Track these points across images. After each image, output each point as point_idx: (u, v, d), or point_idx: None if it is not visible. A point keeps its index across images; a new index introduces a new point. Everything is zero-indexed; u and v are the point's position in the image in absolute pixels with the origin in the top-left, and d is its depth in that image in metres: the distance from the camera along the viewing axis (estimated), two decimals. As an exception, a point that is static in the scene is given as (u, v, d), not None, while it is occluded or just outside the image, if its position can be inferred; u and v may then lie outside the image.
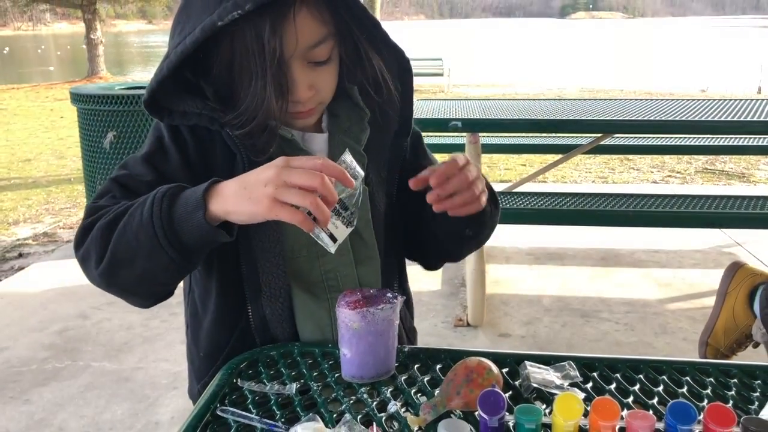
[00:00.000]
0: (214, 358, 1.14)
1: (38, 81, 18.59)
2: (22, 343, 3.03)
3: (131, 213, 0.94)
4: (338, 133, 1.14)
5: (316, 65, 1.02)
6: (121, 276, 0.97)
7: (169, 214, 0.91)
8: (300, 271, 1.12)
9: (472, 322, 3.16)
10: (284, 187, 0.85)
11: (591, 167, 6.69)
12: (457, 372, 0.92)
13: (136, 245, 0.93)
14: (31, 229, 4.88)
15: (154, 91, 1.00)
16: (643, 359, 1.03)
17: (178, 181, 0.98)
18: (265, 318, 1.12)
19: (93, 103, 4.01)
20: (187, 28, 0.96)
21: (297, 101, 1.03)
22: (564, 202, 3.33)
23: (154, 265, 0.94)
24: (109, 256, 0.95)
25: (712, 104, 3.58)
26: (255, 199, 0.86)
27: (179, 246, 0.92)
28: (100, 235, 0.96)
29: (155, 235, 0.91)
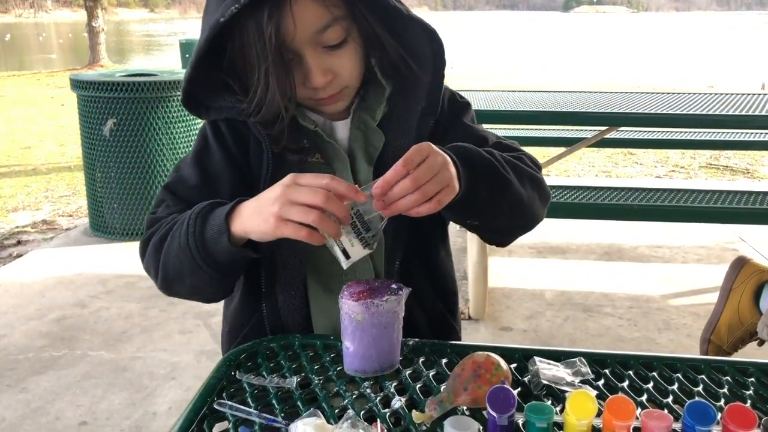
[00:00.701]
0: (235, 335, 1.19)
1: (39, 68, 18.52)
2: (20, 331, 3.00)
3: (173, 234, 1.03)
4: (360, 111, 1.13)
5: (331, 49, 1.02)
6: (176, 289, 1.09)
7: (202, 237, 0.98)
8: (319, 263, 1.12)
9: (473, 316, 3.13)
10: (289, 204, 0.88)
11: (594, 161, 6.64)
12: (465, 367, 0.89)
13: (179, 266, 1.02)
14: (30, 216, 4.84)
15: (187, 90, 1.07)
16: (657, 356, 1.00)
17: (222, 176, 1.10)
18: (277, 305, 1.12)
19: (93, 89, 3.96)
20: (204, 28, 1.02)
21: (315, 88, 1.04)
22: (567, 196, 3.29)
23: (200, 282, 1.03)
24: (162, 273, 1.06)
25: (717, 98, 3.53)
26: (263, 219, 0.91)
27: (215, 266, 1.00)
28: (153, 252, 1.07)
29: (193, 257, 0.99)
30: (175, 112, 4.06)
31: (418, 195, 0.88)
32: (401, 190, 0.88)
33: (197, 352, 2.81)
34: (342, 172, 1.12)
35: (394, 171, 0.88)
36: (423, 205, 0.89)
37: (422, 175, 0.88)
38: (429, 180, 0.89)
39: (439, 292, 1.21)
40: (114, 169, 4.04)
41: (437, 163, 0.90)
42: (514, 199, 1.04)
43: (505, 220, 1.08)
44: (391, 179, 0.88)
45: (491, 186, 1.00)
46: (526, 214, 1.09)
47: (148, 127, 3.99)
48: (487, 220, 1.06)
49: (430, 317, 1.19)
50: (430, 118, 1.13)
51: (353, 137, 1.13)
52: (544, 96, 3.93)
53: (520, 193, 1.04)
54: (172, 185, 1.14)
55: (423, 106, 1.12)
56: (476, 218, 1.05)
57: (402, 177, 0.88)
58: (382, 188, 0.88)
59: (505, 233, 1.16)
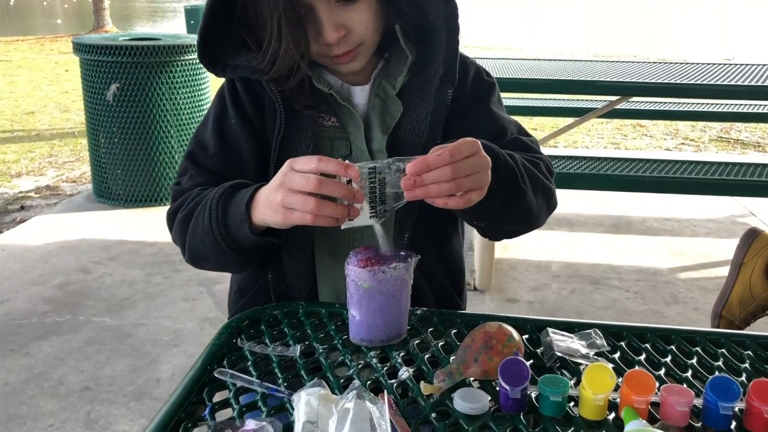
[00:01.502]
0: (244, 292, 1.18)
1: (43, 33, 18.36)
2: (23, 296, 2.98)
3: (197, 216, 1.03)
4: (381, 78, 1.10)
5: (345, 4, 0.99)
6: (204, 266, 1.11)
7: (225, 223, 0.98)
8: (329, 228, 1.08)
9: (479, 287, 3.10)
10: (289, 193, 0.88)
11: (603, 133, 6.56)
12: (475, 338, 0.85)
13: (204, 248, 1.03)
14: (34, 181, 4.81)
15: (202, 45, 1.05)
16: (675, 329, 0.96)
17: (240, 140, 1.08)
18: (282, 267, 1.10)
19: (96, 53, 3.90)
20: None
21: (328, 44, 1.01)
22: (575, 166, 3.24)
23: (225, 262, 1.05)
24: (189, 251, 1.08)
25: (729, 69, 3.45)
26: (273, 209, 0.91)
27: (240, 249, 1.00)
28: (180, 229, 1.07)
29: (217, 242, 1.00)
30: (179, 77, 4.00)
31: (453, 186, 0.84)
32: (438, 176, 0.84)
33: (200, 319, 2.79)
34: (356, 137, 1.09)
35: (439, 156, 0.84)
36: (452, 198, 0.86)
37: (464, 168, 0.85)
38: (467, 175, 0.85)
39: (447, 270, 1.19)
40: (117, 135, 4.00)
41: (481, 163, 0.87)
42: (524, 209, 1.02)
43: (510, 225, 1.08)
44: (432, 162, 0.83)
45: (507, 196, 0.97)
46: (531, 222, 1.08)
47: (151, 92, 3.93)
48: (493, 224, 1.05)
49: (437, 294, 1.17)
50: (449, 87, 1.09)
51: (371, 104, 1.10)
52: (554, 65, 3.86)
53: (531, 204, 1.02)
54: (193, 154, 1.12)
55: (441, 74, 1.08)
56: (483, 221, 1.03)
57: (444, 164, 0.84)
58: (419, 168, 0.83)
59: (503, 235, 1.16)
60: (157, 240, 3.57)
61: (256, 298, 1.14)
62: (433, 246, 1.14)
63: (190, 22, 11.89)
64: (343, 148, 1.09)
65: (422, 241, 1.09)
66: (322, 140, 1.08)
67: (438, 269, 1.16)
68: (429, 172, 0.84)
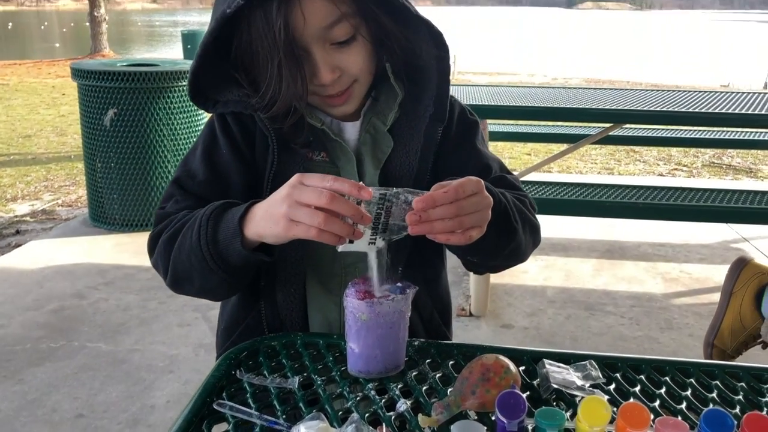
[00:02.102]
0: (230, 333, 1.18)
1: (41, 57, 18.45)
2: (17, 322, 2.97)
3: (184, 234, 1.01)
4: (370, 115, 1.12)
5: (339, 46, 1.01)
6: (185, 288, 1.07)
7: (214, 238, 0.97)
8: (321, 261, 1.12)
9: (474, 312, 3.11)
10: (296, 206, 0.87)
11: (597, 158, 6.61)
12: (473, 370, 0.86)
13: (189, 266, 1.01)
14: (30, 206, 4.81)
15: (193, 82, 1.06)
16: (669, 360, 0.97)
17: (231, 170, 1.08)
18: (275, 302, 1.11)
19: (94, 79, 3.92)
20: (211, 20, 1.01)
21: (322, 84, 1.03)
22: (569, 192, 3.26)
23: (209, 283, 1.02)
24: (171, 272, 1.04)
25: (721, 96, 3.50)
26: (275, 221, 0.89)
27: (227, 268, 0.98)
28: (163, 250, 1.05)
29: (204, 259, 0.97)
30: (177, 102, 4.03)
31: (455, 223, 0.87)
32: (443, 213, 0.86)
33: (195, 345, 2.78)
34: (348, 172, 1.11)
35: (444, 193, 0.86)
36: (454, 234, 0.88)
37: (468, 207, 0.87)
38: (470, 213, 0.88)
39: (436, 302, 1.22)
40: (114, 160, 4.01)
41: (483, 202, 0.89)
42: (514, 246, 1.05)
43: (500, 261, 1.09)
44: (438, 199, 0.85)
45: (500, 234, 1.00)
46: (518, 257, 1.11)
47: (148, 117, 3.95)
48: (485, 260, 1.07)
49: (427, 327, 1.19)
50: (438, 125, 1.13)
51: (362, 140, 1.12)
52: (548, 92, 3.90)
53: (520, 241, 1.05)
54: (180, 180, 1.11)
55: (431, 112, 1.11)
56: (476, 257, 1.05)
57: (448, 202, 0.86)
58: (426, 204, 0.85)
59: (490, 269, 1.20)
60: (152, 265, 3.57)
61: (243, 336, 1.14)
62: (423, 279, 1.16)
63: (187, 46, 11.98)
64: None
65: (414, 275, 1.11)
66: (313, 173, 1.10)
67: (428, 302, 1.19)
68: (434, 208, 0.86)
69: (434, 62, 1.08)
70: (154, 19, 57.67)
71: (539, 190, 3.28)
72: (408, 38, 1.06)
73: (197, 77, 1.05)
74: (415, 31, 1.06)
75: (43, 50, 22.00)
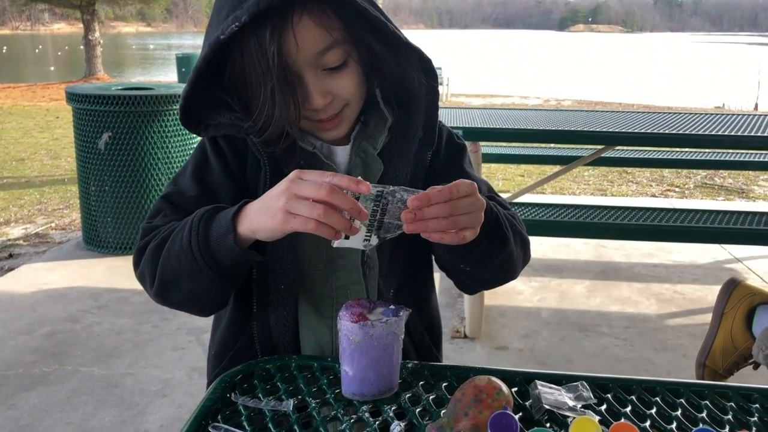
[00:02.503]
0: (220, 359, 1.18)
1: (35, 80, 18.51)
2: (10, 346, 2.96)
3: (174, 237, 1.01)
4: (360, 139, 1.14)
5: (331, 71, 1.03)
6: (172, 294, 1.04)
7: (205, 239, 0.96)
8: (313, 284, 1.13)
9: (469, 334, 3.11)
10: (295, 199, 0.87)
11: (589, 179, 6.65)
12: (465, 391, 0.87)
13: (178, 268, 1.00)
14: (23, 229, 4.81)
15: (184, 107, 1.07)
16: (660, 381, 0.98)
17: (222, 190, 1.09)
18: (269, 325, 1.12)
19: (89, 103, 3.95)
20: (204, 46, 1.02)
21: (314, 109, 1.04)
22: (563, 214, 3.28)
23: (198, 286, 1.00)
24: (159, 277, 1.03)
25: (712, 118, 3.54)
26: (271, 214, 0.89)
27: (217, 268, 0.97)
28: (150, 257, 1.04)
29: (194, 259, 0.97)
30: (171, 126, 4.05)
31: (449, 223, 0.88)
32: (438, 212, 0.88)
33: (189, 368, 2.77)
34: None
35: (438, 192, 0.88)
36: (448, 233, 0.89)
37: (462, 207, 0.89)
38: (464, 214, 0.90)
39: (427, 325, 1.23)
40: (108, 183, 4.02)
41: (476, 204, 0.91)
42: (506, 256, 1.06)
43: (491, 273, 1.10)
44: (433, 197, 0.88)
45: (493, 240, 1.01)
46: (509, 271, 1.12)
47: (143, 141, 3.97)
48: (477, 270, 1.07)
49: (418, 349, 1.20)
50: (428, 149, 1.15)
51: (353, 163, 1.14)
52: (541, 114, 3.94)
53: (512, 252, 1.07)
54: (170, 196, 1.12)
55: (420, 136, 1.13)
56: (469, 265, 1.05)
57: (443, 201, 0.88)
58: (420, 202, 0.87)
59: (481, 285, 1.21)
60: (146, 288, 3.57)
61: (233, 361, 1.15)
62: (415, 302, 1.16)
63: (181, 69, 12.05)
64: None
65: (405, 297, 1.12)
66: None
67: (419, 324, 1.20)
68: (429, 207, 0.87)
69: (423, 89, 1.10)
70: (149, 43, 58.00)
71: (533, 211, 3.30)
72: (398, 64, 1.08)
73: (189, 102, 1.06)
74: (405, 58, 1.08)
75: (38, 73, 22.08)
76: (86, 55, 17.69)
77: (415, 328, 1.18)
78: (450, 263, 1.07)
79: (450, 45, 60.13)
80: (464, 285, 1.18)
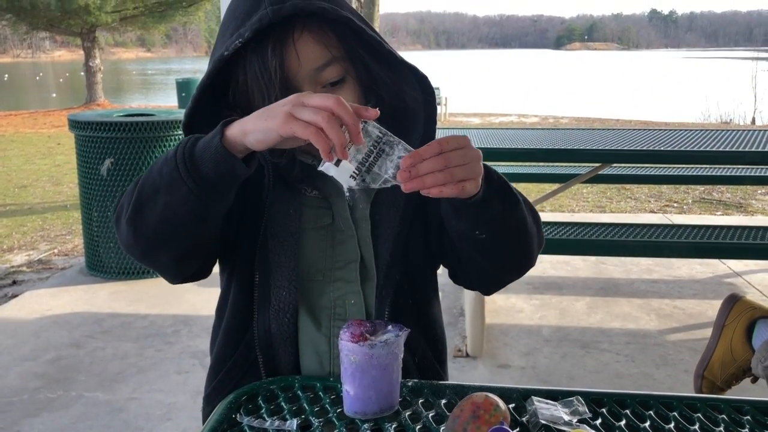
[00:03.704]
0: (217, 370, 1.19)
1: (37, 107, 18.64)
2: (14, 372, 2.98)
3: (160, 157, 1.00)
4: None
5: (331, 87, 1.06)
6: (146, 214, 1.00)
7: (192, 148, 0.96)
8: (311, 293, 1.14)
9: (471, 353, 3.12)
10: (300, 105, 0.88)
11: (588, 196, 6.69)
12: (464, 408, 0.89)
13: (159, 179, 0.98)
14: (26, 256, 4.84)
15: (187, 125, 1.08)
16: (653, 394, 1.01)
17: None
18: (270, 332, 1.13)
19: (91, 129, 4.00)
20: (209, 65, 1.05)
21: None
22: (562, 232, 3.31)
23: (174, 198, 0.97)
24: (136, 197, 1.00)
25: (709, 134, 3.59)
26: (272, 116, 0.90)
27: (197, 177, 0.95)
28: (132, 187, 1.03)
29: (176, 167, 0.95)
30: (173, 151, 4.09)
31: (447, 175, 0.89)
32: (431, 166, 0.88)
33: (193, 392, 2.79)
34: (340, 207, 1.14)
35: (428, 146, 0.90)
36: (447, 186, 0.90)
37: (455, 158, 0.90)
38: (459, 165, 0.90)
39: (429, 341, 1.22)
40: (111, 209, 4.06)
41: (470, 154, 0.92)
42: (520, 221, 1.05)
43: (508, 244, 1.07)
44: (423, 153, 0.89)
45: (504, 201, 1.01)
46: (526, 243, 1.08)
47: (145, 166, 4.01)
48: (494, 239, 1.04)
49: (420, 366, 1.19)
50: None
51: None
52: (539, 133, 3.98)
53: (525, 218, 1.06)
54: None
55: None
56: (486, 230, 1.02)
57: (434, 154, 0.89)
58: (413, 159, 0.89)
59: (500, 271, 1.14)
60: (149, 312, 3.59)
61: (230, 372, 1.17)
62: (415, 318, 1.17)
63: (181, 94, 12.16)
64: (326, 217, 1.15)
65: (405, 313, 1.13)
66: (307, 208, 1.14)
67: (420, 341, 1.19)
68: (422, 163, 0.89)
69: (421, 106, 1.13)
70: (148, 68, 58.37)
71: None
72: (394, 82, 1.11)
73: (191, 120, 1.08)
74: (401, 76, 1.12)
75: (39, 100, 22.23)
76: (87, 82, 17.84)
77: (416, 345, 1.18)
78: (465, 234, 1.04)
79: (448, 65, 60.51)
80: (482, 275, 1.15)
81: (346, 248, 1.14)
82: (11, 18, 17.63)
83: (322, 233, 1.15)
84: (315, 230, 1.14)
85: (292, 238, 1.12)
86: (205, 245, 1.09)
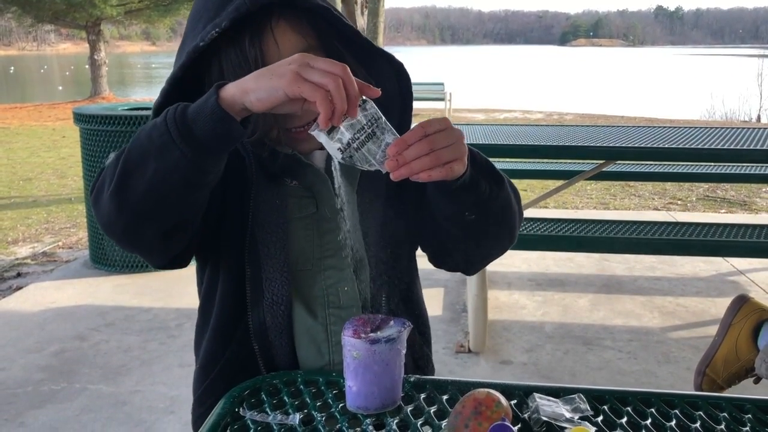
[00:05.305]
0: (208, 371, 1.17)
1: (41, 100, 18.67)
2: (19, 365, 2.99)
3: (143, 127, 0.93)
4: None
5: None
6: (132, 185, 0.92)
7: (183, 113, 0.89)
8: (303, 284, 1.14)
9: (473, 349, 3.13)
10: (308, 66, 0.85)
11: (592, 193, 6.68)
12: (465, 404, 0.90)
13: (148, 144, 0.91)
14: (31, 248, 4.85)
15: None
16: (655, 392, 1.01)
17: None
18: (265, 324, 1.12)
19: (96, 123, 4.01)
20: (179, 56, 1.03)
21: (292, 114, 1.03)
22: (566, 228, 3.31)
23: (165, 164, 0.90)
24: (122, 165, 0.92)
25: (713, 132, 3.58)
26: (278, 75, 0.85)
27: (190, 139, 0.88)
28: (115, 158, 0.95)
29: (167, 130, 0.89)
30: (177, 145, 4.10)
31: (433, 158, 0.89)
32: (417, 151, 0.89)
33: (197, 385, 2.80)
34: (325, 195, 1.13)
35: (412, 132, 0.90)
36: (435, 169, 0.90)
37: (439, 140, 0.90)
38: (444, 147, 0.90)
39: (415, 322, 1.22)
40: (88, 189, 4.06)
41: (453, 135, 0.92)
42: (505, 199, 1.06)
43: (495, 224, 1.08)
44: (408, 139, 0.89)
45: (489, 180, 1.02)
46: (510, 220, 1.10)
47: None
48: (482, 218, 1.05)
49: (411, 347, 1.18)
50: None
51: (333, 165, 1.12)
52: (543, 129, 3.98)
53: (509, 196, 1.08)
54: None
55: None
56: (475, 210, 1.03)
57: (419, 139, 0.89)
58: (398, 147, 0.89)
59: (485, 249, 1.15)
60: (153, 306, 3.60)
61: (223, 373, 1.15)
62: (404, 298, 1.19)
63: (186, 88, 12.16)
64: (310, 206, 1.14)
65: (395, 295, 1.15)
66: (290, 198, 1.13)
67: (416, 335, 1.21)
68: (408, 149, 0.89)
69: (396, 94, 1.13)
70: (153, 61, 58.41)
71: (536, 226, 3.33)
72: (370, 74, 1.10)
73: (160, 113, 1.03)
74: (377, 67, 1.12)
75: (44, 93, 22.26)
76: (92, 75, 17.85)
77: (413, 340, 1.19)
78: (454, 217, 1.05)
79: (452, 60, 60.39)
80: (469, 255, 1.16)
81: (334, 236, 1.14)
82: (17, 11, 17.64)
83: (308, 222, 1.14)
84: (300, 220, 1.13)
85: (279, 228, 1.10)
86: (193, 219, 1.02)
